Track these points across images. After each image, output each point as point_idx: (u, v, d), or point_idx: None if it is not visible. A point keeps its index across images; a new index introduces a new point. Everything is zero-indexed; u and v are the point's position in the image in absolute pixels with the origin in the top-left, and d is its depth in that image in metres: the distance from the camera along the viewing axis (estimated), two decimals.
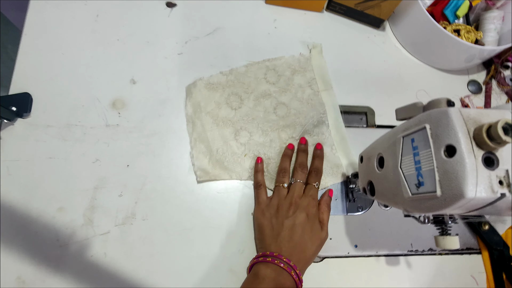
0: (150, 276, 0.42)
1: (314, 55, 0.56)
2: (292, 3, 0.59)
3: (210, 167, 0.47)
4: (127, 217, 0.44)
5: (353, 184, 0.48)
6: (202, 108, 0.49)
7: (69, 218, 0.43)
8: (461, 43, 0.53)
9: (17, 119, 0.46)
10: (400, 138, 0.31)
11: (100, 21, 0.53)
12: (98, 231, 0.43)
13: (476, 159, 0.24)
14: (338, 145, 0.51)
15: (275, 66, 0.54)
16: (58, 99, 0.48)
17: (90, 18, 0.53)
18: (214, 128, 0.49)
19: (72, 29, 0.51)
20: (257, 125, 0.50)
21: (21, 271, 0.40)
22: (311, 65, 0.55)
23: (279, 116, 0.51)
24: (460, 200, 0.24)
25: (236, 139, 0.49)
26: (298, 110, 0.52)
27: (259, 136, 0.49)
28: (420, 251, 0.48)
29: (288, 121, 0.51)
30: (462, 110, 0.26)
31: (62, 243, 0.42)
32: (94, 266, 0.41)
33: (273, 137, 0.49)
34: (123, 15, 0.54)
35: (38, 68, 0.49)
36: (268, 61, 0.54)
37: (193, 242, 0.44)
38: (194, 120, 0.49)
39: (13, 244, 0.41)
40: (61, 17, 0.52)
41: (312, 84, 0.54)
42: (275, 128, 0.50)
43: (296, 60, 0.55)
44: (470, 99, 0.59)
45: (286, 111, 0.51)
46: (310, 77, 0.54)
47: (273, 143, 0.49)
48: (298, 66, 0.55)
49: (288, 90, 0.53)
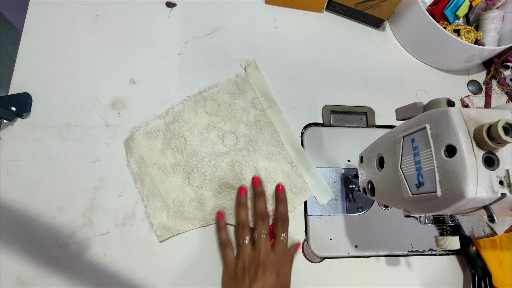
0: (150, 276, 0.42)
1: (250, 72, 0.52)
2: (292, 3, 0.59)
3: (170, 222, 0.43)
4: (127, 217, 0.44)
5: (353, 184, 0.48)
6: (146, 162, 0.45)
7: (69, 218, 0.43)
8: (461, 43, 0.53)
9: (17, 119, 0.46)
10: (400, 138, 0.31)
11: (100, 21, 0.53)
12: (98, 231, 0.43)
13: (477, 159, 0.24)
14: (297, 161, 0.48)
15: (213, 95, 0.50)
16: (58, 99, 0.48)
17: (90, 18, 0.53)
18: (165, 179, 0.45)
19: (72, 29, 0.51)
20: (209, 162, 0.46)
21: (21, 271, 0.40)
22: (250, 84, 0.52)
23: (228, 146, 0.48)
24: (461, 200, 0.24)
25: (191, 184, 0.45)
26: (247, 135, 0.49)
27: (213, 173, 0.45)
28: (421, 251, 0.48)
29: (239, 149, 0.48)
30: (462, 110, 0.26)
31: (62, 243, 0.42)
32: (93, 266, 0.41)
33: (228, 171, 0.46)
34: (123, 15, 0.54)
35: (38, 68, 0.49)
36: (205, 92, 0.50)
37: (193, 242, 0.44)
38: (141, 176, 0.45)
39: (13, 244, 0.41)
40: (61, 17, 0.52)
41: (256, 103, 0.51)
42: (228, 160, 0.47)
43: (233, 83, 0.51)
44: (470, 99, 0.59)
45: (235, 139, 0.48)
46: (252, 97, 0.51)
47: (230, 176, 0.46)
48: (236, 89, 0.51)
49: (233, 117, 0.49)
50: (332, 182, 0.50)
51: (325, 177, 0.50)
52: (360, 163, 0.41)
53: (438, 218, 0.35)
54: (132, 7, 0.54)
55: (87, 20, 0.52)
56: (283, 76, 0.55)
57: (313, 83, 0.55)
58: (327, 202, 0.48)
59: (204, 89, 0.51)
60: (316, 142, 0.51)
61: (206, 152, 0.47)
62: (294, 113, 0.53)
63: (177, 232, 0.43)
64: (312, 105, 0.54)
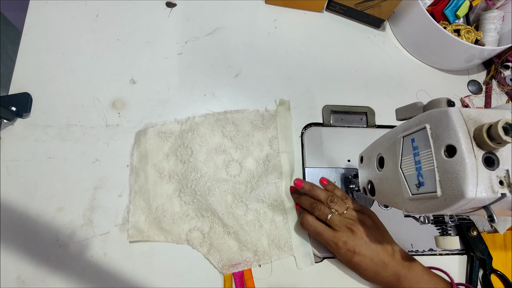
0: (150, 276, 0.42)
1: (280, 111, 0.51)
2: (292, 3, 0.59)
3: (145, 227, 0.43)
4: (127, 217, 0.44)
5: (353, 184, 0.48)
6: (148, 159, 0.45)
7: (69, 218, 0.43)
8: (461, 43, 0.53)
9: (17, 119, 0.46)
10: (400, 138, 0.31)
11: (100, 21, 0.53)
12: (98, 231, 0.43)
13: (477, 159, 0.24)
14: (289, 214, 0.46)
15: (235, 120, 0.49)
16: (58, 99, 0.48)
17: (90, 18, 0.53)
18: (158, 183, 0.45)
19: (72, 29, 0.51)
20: (205, 182, 0.44)
21: (21, 271, 0.40)
22: (275, 122, 0.50)
23: (230, 175, 0.46)
24: (461, 200, 0.24)
25: (180, 197, 0.44)
26: (252, 171, 0.47)
27: (205, 195, 0.44)
28: (421, 251, 0.48)
29: (239, 182, 0.46)
30: (462, 110, 0.26)
31: (62, 243, 0.42)
32: (93, 266, 0.41)
33: (220, 198, 0.44)
34: (123, 15, 0.54)
35: (38, 68, 0.49)
36: (229, 113, 0.49)
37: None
38: (138, 171, 0.45)
39: (13, 244, 0.41)
40: (61, 17, 0.52)
41: (273, 143, 0.49)
42: (224, 188, 0.45)
43: (260, 116, 0.50)
44: (470, 99, 0.59)
45: (239, 170, 0.47)
46: (272, 135, 0.49)
47: (220, 205, 0.44)
48: (260, 123, 0.49)
49: (245, 148, 0.48)
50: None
51: (325, 177, 0.49)
52: (360, 163, 0.41)
53: (438, 218, 0.35)
54: (132, 7, 0.54)
55: (87, 20, 0.52)
56: (283, 76, 0.55)
57: (313, 83, 0.55)
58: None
59: (230, 111, 0.50)
60: (316, 142, 0.51)
61: (206, 172, 0.45)
62: (294, 113, 0.52)
63: (148, 239, 0.43)
64: (312, 105, 0.54)
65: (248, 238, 0.43)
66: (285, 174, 0.47)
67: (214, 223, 0.44)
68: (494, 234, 0.49)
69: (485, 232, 0.49)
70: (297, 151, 0.51)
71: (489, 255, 0.46)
